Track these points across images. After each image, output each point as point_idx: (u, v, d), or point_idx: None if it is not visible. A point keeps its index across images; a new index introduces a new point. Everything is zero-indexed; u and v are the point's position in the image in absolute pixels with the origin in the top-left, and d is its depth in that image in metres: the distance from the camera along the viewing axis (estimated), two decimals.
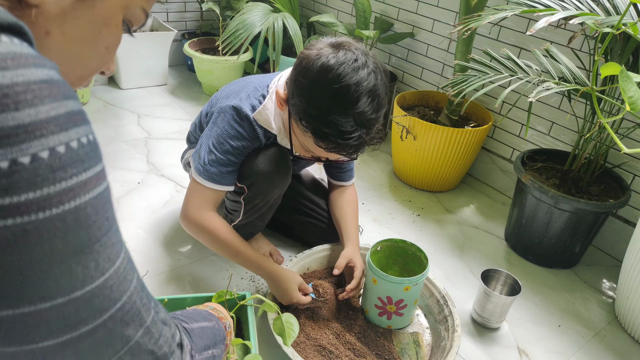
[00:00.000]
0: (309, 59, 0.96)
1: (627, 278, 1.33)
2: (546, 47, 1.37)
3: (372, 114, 0.96)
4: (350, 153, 1.01)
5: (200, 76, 2.55)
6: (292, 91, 1.01)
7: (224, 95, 1.23)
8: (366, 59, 0.96)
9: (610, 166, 1.61)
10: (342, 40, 0.99)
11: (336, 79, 0.93)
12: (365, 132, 0.98)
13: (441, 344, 1.22)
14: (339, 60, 0.93)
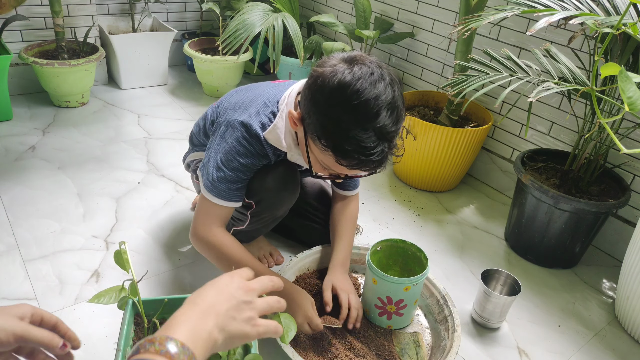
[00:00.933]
0: (324, 76, 0.95)
1: (627, 278, 1.33)
2: (546, 47, 1.37)
3: (392, 127, 0.96)
4: (372, 168, 1.00)
5: (200, 76, 2.55)
6: (308, 110, 0.99)
7: (231, 105, 1.21)
8: (382, 72, 0.95)
9: (610, 166, 1.61)
10: (354, 54, 0.98)
11: (354, 95, 0.92)
12: (387, 145, 0.97)
13: (441, 344, 1.22)
14: (356, 76, 0.92)
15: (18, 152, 1.90)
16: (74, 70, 2.16)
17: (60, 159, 1.89)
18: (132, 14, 2.54)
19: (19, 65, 2.29)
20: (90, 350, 1.16)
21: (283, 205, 1.26)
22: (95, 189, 1.74)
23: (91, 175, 1.81)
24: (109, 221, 1.59)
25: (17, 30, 2.24)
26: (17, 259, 1.40)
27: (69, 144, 2.00)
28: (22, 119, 2.15)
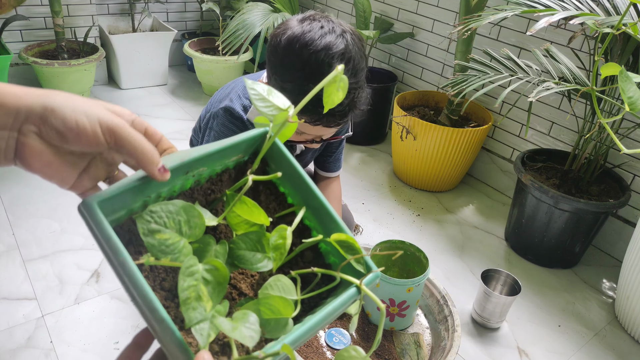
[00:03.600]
0: (276, 36, 0.94)
1: (627, 278, 1.33)
2: (546, 47, 1.37)
3: (350, 79, 0.93)
4: (337, 123, 0.98)
5: (200, 76, 2.55)
6: (268, 74, 0.99)
7: (217, 99, 1.23)
8: (333, 25, 0.93)
9: (610, 166, 1.61)
10: (308, 13, 0.97)
11: (304, 48, 0.90)
12: (345, 96, 0.96)
13: (441, 344, 1.22)
14: (305, 30, 0.91)
15: None
16: (74, 70, 2.16)
17: None
18: (132, 14, 2.53)
19: (19, 65, 2.29)
20: (90, 350, 1.16)
21: None
22: None
23: None
24: None
25: (17, 30, 2.24)
26: (17, 259, 1.40)
27: None
28: None
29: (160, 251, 0.36)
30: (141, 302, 0.34)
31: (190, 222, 0.38)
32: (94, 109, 0.38)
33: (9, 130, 0.37)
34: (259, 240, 0.42)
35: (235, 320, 0.35)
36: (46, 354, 1.14)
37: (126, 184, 0.38)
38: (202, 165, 0.43)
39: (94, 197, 0.37)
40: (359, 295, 0.43)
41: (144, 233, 0.36)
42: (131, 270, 0.34)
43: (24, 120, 0.37)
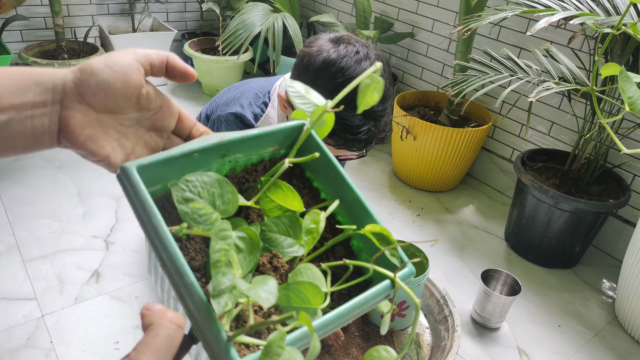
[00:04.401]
0: (309, 56, 0.94)
1: (627, 278, 1.33)
2: (546, 47, 1.37)
3: (378, 106, 0.95)
4: (360, 148, 0.99)
5: (200, 76, 2.55)
6: None
7: (223, 101, 1.22)
8: (368, 51, 0.94)
9: (610, 166, 1.61)
10: (341, 34, 0.97)
11: (339, 73, 0.91)
12: (374, 124, 0.96)
13: (441, 344, 1.22)
14: (341, 54, 0.92)
15: None
16: None
17: (60, 159, 1.89)
18: (132, 14, 2.53)
19: (19, 65, 2.28)
20: (90, 350, 1.16)
21: None
22: (95, 188, 1.74)
23: (91, 175, 1.81)
24: (109, 221, 1.59)
25: (17, 30, 2.24)
26: (17, 259, 1.40)
27: None
28: None
29: (193, 220, 0.36)
30: (170, 265, 0.34)
31: (224, 197, 0.38)
32: (125, 54, 0.38)
33: (50, 106, 0.36)
34: (291, 225, 0.41)
35: (254, 283, 0.35)
36: (46, 354, 1.14)
37: (168, 154, 0.39)
38: (239, 149, 0.43)
39: (134, 162, 0.37)
40: (393, 290, 0.42)
41: (177, 200, 0.36)
42: (164, 234, 0.35)
43: (63, 92, 0.36)
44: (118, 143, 0.40)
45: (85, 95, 0.37)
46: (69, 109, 0.36)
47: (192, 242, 0.42)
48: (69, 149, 0.38)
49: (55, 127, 0.37)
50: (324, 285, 0.40)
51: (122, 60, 0.37)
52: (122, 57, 0.38)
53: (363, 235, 0.44)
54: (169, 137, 0.44)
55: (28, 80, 0.36)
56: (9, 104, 0.35)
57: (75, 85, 0.36)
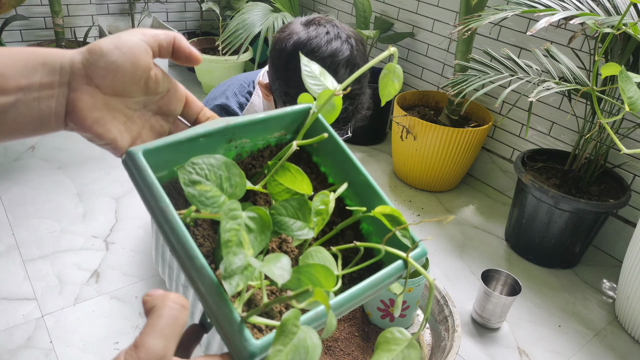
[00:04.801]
0: (281, 40, 0.95)
1: (628, 278, 1.33)
2: (546, 46, 1.37)
3: (354, 85, 0.94)
4: (338, 127, 0.99)
5: (200, 76, 2.55)
6: (271, 76, 1.00)
7: (212, 97, 1.24)
8: (338, 31, 0.94)
9: (611, 166, 1.61)
10: (312, 17, 0.97)
11: (310, 54, 0.90)
12: (350, 103, 0.96)
13: (441, 344, 1.22)
14: (311, 35, 0.92)
15: (18, 151, 1.90)
16: None
17: (60, 159, 1.89)
18: (132, 14, 2.53)
19: None
20: (90, 350, 1.16)
21: None
22: (95, 189, 1.74)
23: (91, 175, 1.81)
24: (108, 221, 1.59)
25: (16, 30, 2.24)
26: (17, 259, 1.40)
27: (69, 143, 2.00)
28: None
29: (200, 202, 0.35)
30: (180, 249, 0.34)
31: (232, 180, 0.37)
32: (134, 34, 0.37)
33: (57, 87, 0.35)
34: (300, 208, 0.40)
35: (267, 261, 0.34)
36: (46, 354, 1.14)
37: (174, 138, 0.38)
38: (245, 134, 0.43)
39: (140, 146, 0.37)
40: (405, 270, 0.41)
41: (184, 183, 0.35)
42: (172, 217, 0.34)
43: (71, 74, 0.36)
44: (125, 127, 0.39)
45: (94, 77, 0.36)
46: (76, 90, 0.36)
47: (200, 228, 0.41)
48: (76, 132, 0.37)
49: (62, 110, 0.36)
50: (335, 268, 0.39)
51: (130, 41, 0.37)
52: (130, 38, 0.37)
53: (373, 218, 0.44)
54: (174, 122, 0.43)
55: (35, 61, 0.35)
56: (15, 86, 0.34)
57: (83, 66, 0.36)
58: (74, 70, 0.36)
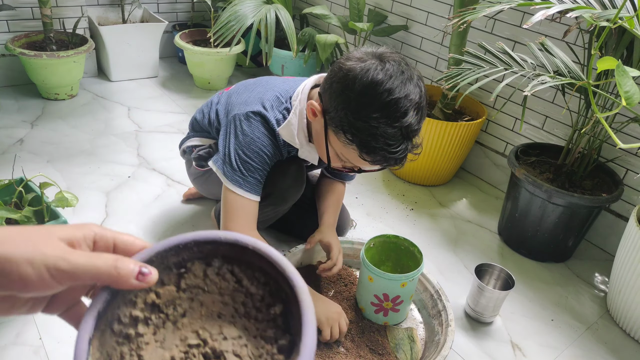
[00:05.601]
0: (354, 72, 0.96)
1: (620, 272, 1.34)
2: (541, 40, 1.37)
3: (416, 125, 0.99)
4: (393, 165, 1.03)
5: (191, 68, 2.52)
6: (335, 104, 1.00)
7: (243, 100, 1.19)
8: (411, 72, 0.98)
9: (604, 160, 1.61)
10: (383, 51, 1.00)
11: (386, 93, 0.94)
12: (409, 143, 1.00)
13: (435, 339, 1.22)
14: (388, 74, 0.94)
15: (6, 145, 1.87)
16: (63, 62, 2.12)
17: (49, 153, 1.85)
18: (122, 5, 2.49)
19: (5, 56, 2.24)
20: None
21: (288, 202, 1.28)
22: (85, 182, 1.71)
23: (81, 169, 1.78)
24: (99, 215, 1.57)
25: (3, 21, 2.20)
26: None
27: (58, 137, 1.97)
28: (10, 112, 2.11)
29: None
30: None
31: None
32: (38, 251, 0.34)
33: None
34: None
35: None
36: (35, 350, 1.12)
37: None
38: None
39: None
40: None
41: None
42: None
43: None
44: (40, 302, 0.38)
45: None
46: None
47: None
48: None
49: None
50: None
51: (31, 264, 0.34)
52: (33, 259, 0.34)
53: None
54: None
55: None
56: None
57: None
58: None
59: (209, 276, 0.40)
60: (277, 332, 0.40)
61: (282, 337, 0.39)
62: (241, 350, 0.39)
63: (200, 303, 0.40)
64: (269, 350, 0.39)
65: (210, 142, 1.36)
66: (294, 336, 0.38)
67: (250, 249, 0.39)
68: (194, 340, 0.39)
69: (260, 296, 0.41)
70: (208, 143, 1.37)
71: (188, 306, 0.40)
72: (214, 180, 1.33)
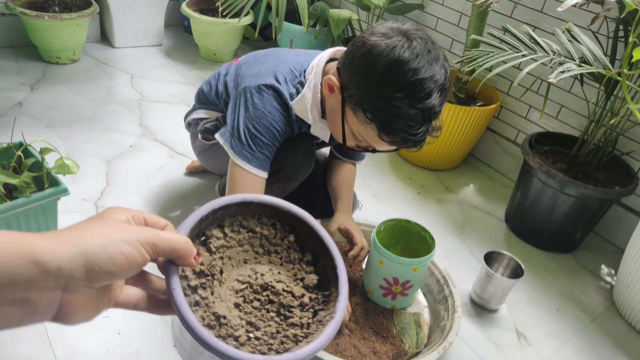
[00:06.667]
0: (379, 48, 0.91)
1: (629, 266, 1.32)
2: (568, 26, 1.32)
3: (438, 107, 0.95)
4: (410, 146, 0.99)
5: (197, 38, 2.45)
6: (355, 80, 0.95)
7: (254, 73, 1.14)
8: (437, 52, 0.93)
9: (619, 153, 1.59)
10: (406, 27, 0.95)
11: (411, 72, 0.89)
12: (430, 126, 0.97)
13: (440, 324, 1.21)
14: (414, 52, 0.90)
15: (4, 107, 1.81)
16: (66, 24, 2.05)
17: (49, 117, 1.80)
18: None
19: (5, 15, 2.16)
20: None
21: (297, 179, 1.23)
22: (85, 150, 1.67)
23: (81, 136, 1.73)
24: (99, 184, 1.53)
25: None
26: None
27: (59, 102, 1.91)
28: (9, 74, 2.04)
29: None
30: None
31: None
32: (126, 232, 0.36)
33: (49, 290, 0.33)
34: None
35: None
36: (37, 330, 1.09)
37: None
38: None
39: None
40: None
41: None
42: None
43: (69, 277, 0.33)
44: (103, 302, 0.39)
45: (92, 278, 0.34)
46: (73, 292, 0.34)
47: None
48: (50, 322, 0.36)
49: (52, 311, 0.34)
50: None
51: (128, 243, 0.36)
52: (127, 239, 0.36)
53: None
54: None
55: (24, 258, 0.32)
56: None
57: (82, 268, 0.34)
58: (73, 275, 0.33)
59: (227, 234, 0.47)
60: (298, 254, 0.50)
61: (304, 255, 0.50)
62: (279, 277, 0.48)
63: (229, 257, 0.47)
64: (299, 267, 0.49)
65: (218, 115, 1.31)
66: (313, 251, 0.49)
67: (255, 203, 0.48)
68: (241, 286, 0.46)
69: (273, 235, 0.50)
70: (215, 116, 1.32)
71: (222, 264, 0.46)
72: (219, 155, 1.28)
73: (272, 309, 0.45)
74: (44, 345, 1.05)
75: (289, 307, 0.45)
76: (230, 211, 0.47)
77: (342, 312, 0.44)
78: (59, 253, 0.33)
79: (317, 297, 0.47)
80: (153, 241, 0.37)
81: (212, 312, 0.43)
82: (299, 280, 0.48)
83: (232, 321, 0.43)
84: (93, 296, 0.36)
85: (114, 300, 0.41)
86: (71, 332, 1.08)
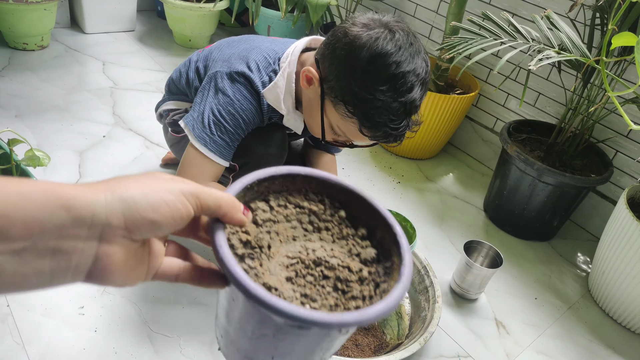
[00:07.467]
0: (361, 39, 0.88)
1: (604, 254, 1.34)
2: (547, 13, 1.32)
3: (419, 101, 0.93)
4: (393, 140, 0.97)
5: (171, 23, 2.38)
6: (336, 72, 0.92)
7: (225, 57, 1.09)
8: (418, 45, 0.92)
9: (594, 141, 1.60)
10: (388, 19, 0.93)
11: (394, 65, 0.87)
12: (410, 120, 0.95)
13: (421, 315, 1.21)
14: (397, 45, 0.88)
15: None
16: (33, 8, 1.96)
17: (18, 107, 1.73)
18: None
19: None
20: (52, 315, 1.08)
21: None
22: (56, 140, 1.61)
23: (52, 126, 1.67)
24: (72, 176, 1.48)
25: None
26: None
27: (27, 90, 1.83)
28: None
29: None
30: None
31: None
32: (169, 183, 0.34)
33: (84, 240, 0.29)
34: None
35: None
36: (2, 319, 1.05)
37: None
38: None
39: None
40: None
41: None
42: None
43: (106, 225, 0.30)
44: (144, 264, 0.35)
45: (134, 231, 0.31)
46: (110, 243, 0.30)
47: None
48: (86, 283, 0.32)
49: (86, 264, 0.30)
50: None
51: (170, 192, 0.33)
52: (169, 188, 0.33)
53: None
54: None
55: (54, 203, 0.28)
56: (22, 232, 0.27)
57: (120, 215, 0.30)
58: (110, 222, 0.30)
59: (274, 208, 0.44)
60: (351, 229, 0.45)
61: (358, 229, 0.45)
62: (333, 252, 0.43)
63: (276, 233, 0.43)
64: (354, 242, 0.44)
65: (187, 105, 1.26)
66: (367, 225, 0.45)
67: (302, 175, 0.45)
68: (292, 261, 0.42)
69: (322, 210, 0.46)
70: (184, 107, 1.27)
71: (269, 238, 0.43)
72: None
73: (327, 285, 0.41)
74: (16, 345, 1.01)
75: (346, 281, 0.41)
76: (275, 185, 0.45)
77: (408, 275, 0.39)
78: (93, 198, 0.29)
79: (377, 270, 0.43)
80: (197, 193, 0.34)
81: (262, 283, 0.39)
82: (355, 255, 0.44)
83: (285, 293, 0.39)
84: (133, 253, 0.32)
85: (155, 269, 0.37)
86: (45, 330, 1.05)
